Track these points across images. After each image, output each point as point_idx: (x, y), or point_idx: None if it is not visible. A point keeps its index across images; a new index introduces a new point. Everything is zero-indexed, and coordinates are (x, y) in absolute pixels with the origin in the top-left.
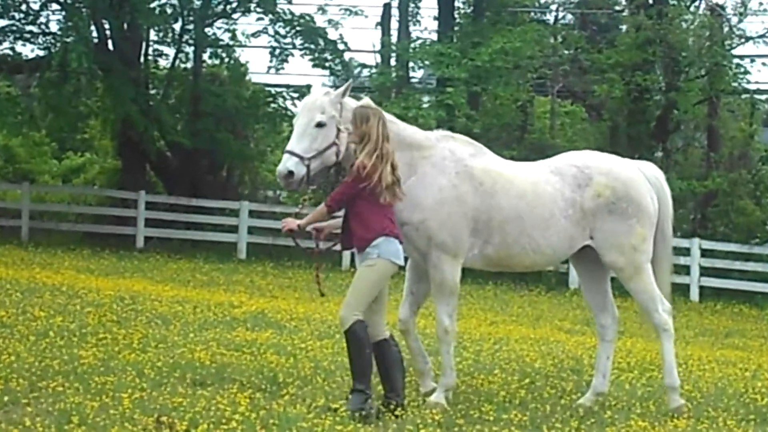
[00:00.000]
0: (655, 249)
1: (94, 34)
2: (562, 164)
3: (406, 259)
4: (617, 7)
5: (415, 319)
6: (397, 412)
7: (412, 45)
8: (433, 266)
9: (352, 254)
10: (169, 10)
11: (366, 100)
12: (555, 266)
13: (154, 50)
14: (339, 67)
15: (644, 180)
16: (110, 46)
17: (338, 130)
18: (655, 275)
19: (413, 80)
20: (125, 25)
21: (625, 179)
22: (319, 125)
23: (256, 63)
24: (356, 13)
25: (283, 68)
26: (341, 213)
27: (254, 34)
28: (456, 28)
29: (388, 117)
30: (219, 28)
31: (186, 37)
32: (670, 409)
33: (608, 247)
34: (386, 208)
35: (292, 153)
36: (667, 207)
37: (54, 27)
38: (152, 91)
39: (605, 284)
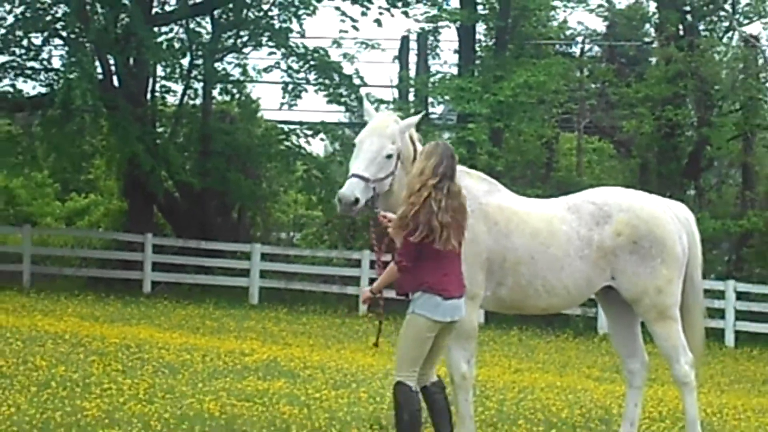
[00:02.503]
0: (685, 296)
1: (99, 70)
2: (579, 201)
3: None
4: (646, 39)
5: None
6: None
7: (432, 79)
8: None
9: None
10: (177, 45)
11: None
12: (574, 308)
13: (161, 86)
14: (355, 103)
15: (671, 219)
16: (115, 83)
17: (398, 160)
18: (686, 324)
19: (433, 116)
20: (131, 61)
21: (647, 217)
22: (389, 156)
23: (268, 99)
24: (373, 47)
25: (296, 104)
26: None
27: (266, 69)
28: (477, 62)
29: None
30: (229, 63)
31: (195, 72)
32: None
33: (631, 289)
34: (442, 258)
35: (361, 177)
36: (696, 252)
37: (56, 63)
38: (159, 129)
39: (634, 327)
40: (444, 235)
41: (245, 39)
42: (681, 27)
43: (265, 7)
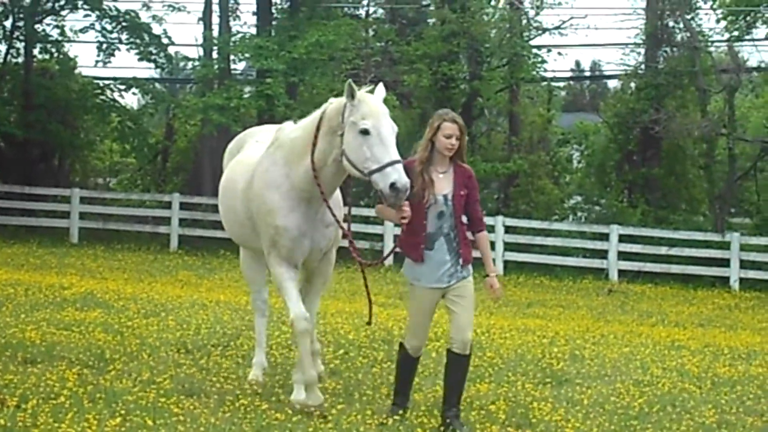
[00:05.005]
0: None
1: None
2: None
3: None
4: (424, 2)
5: None
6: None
7: (233, 39)
8: (328, 261)
9: (180, 236)
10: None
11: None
12: (359, 241)
13: None
14: (163, 60)
15: None
16: None
17: None
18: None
19: (235, 72)
20: None
21: None
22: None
23: (85, 57)
24: (179, 9)
25: (110, 62)
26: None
27: (82, 30)
28: (274, 23)
29: None
30: (48, 25)
31: (17, 33)
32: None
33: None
34: None
35: (401, 161)
36: None
37: None
38: None
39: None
40: None
41: (62, 2)
42: None
43: None
